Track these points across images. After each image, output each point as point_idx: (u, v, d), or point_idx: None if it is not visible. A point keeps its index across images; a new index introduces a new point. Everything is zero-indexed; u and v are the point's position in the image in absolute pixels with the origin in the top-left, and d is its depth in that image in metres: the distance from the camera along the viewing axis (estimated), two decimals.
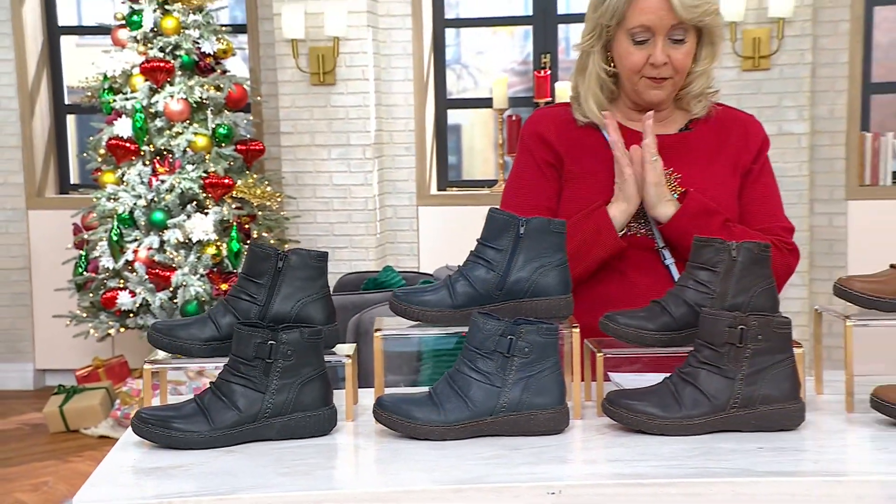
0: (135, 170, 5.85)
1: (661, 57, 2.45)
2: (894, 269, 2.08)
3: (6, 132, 6.99)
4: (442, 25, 6.83)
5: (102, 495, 1.69)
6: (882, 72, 6.79)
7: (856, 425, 2.01)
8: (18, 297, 7.04)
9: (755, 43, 6.04)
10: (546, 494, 1.71)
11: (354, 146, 6.40)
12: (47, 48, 7.13)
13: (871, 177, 6.34)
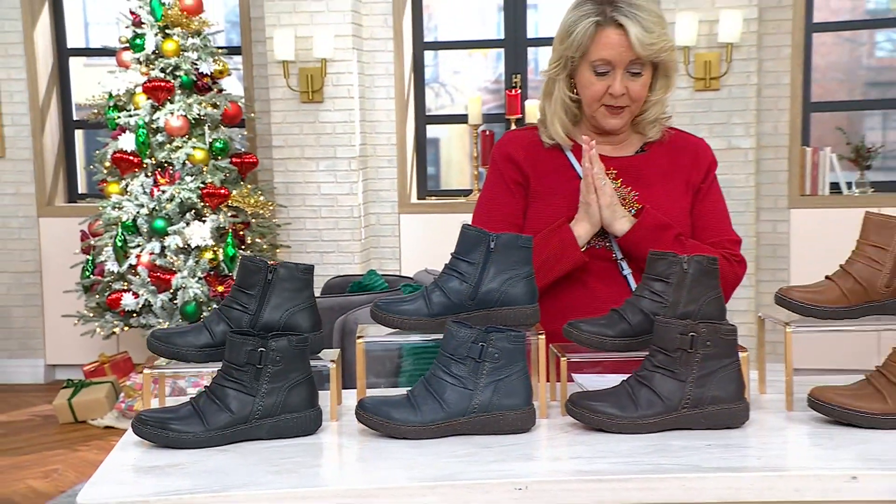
0: (138, 181, 5.83)
1: (619, 88, 2.46)
2: (829, 280, 2.09)
3: (19, 146, 6.95)
4: (421, 48, 6.83)
5: (104, 494, 1.68)
6: (820, 92, 6.82)
7: (795, 423, 2.02)
8: (30, 298, 7.00)
9: (706, 66, 6.06)
10: (513, 490, 1.71)
11: (341, 159, 6.38)
12: (57, 68, 7.10)
13: (811, 187, 6.36)
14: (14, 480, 5.02)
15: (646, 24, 2.42)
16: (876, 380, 1.97)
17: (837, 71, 7.31)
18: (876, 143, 6.57)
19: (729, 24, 5.94)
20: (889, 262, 2.05)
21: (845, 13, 7.13)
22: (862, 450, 1.84)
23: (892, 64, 7.11)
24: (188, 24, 5.89)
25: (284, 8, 6.29)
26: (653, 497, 1.73)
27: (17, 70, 6.90)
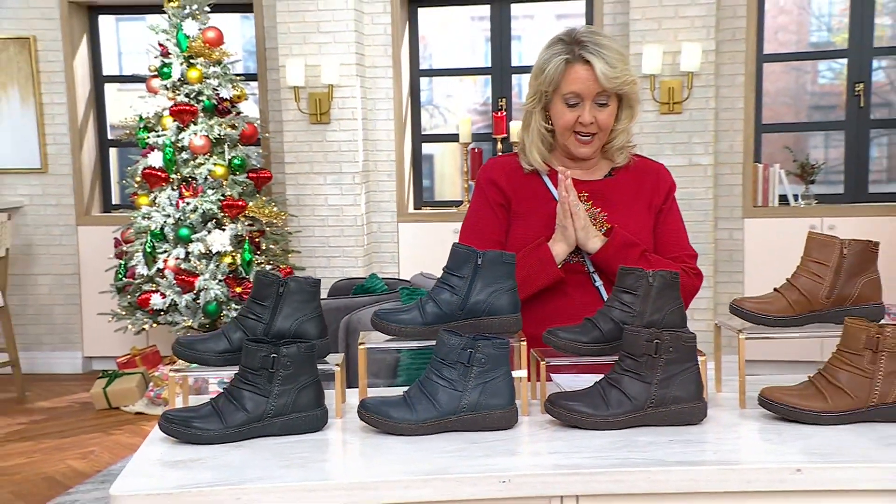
0: (165, 194, 5.81)
1: (588, 118, 2.47)
2: (777, 292, 2.09)
3: (60, 162, 6.93)
4: (417, 75, 6.83)
5: (134, 486, 1.68)
6: (770, 114, 6.82)
7: (747, 419, 2.03)
8: (70, 298, 6.97)
9: (670, 92, 6.05)
10: (498, 483, 1.71)
11: (346, 173, 6.37)
12: (94, 93, 7.08)
13: (762, 199, 6.37)
14: (56, 461, 5.00)
15: (609, 61, 2.43)
16: (818, 381, 1.98)
17: (785, 96, 7.31)
18: (819, 160, 6.59)
19: (690, 55, 5.94)
20: (829, 277, 2.05)
21: (792, 45, 7.13)
22: (805, 444, 1.84)
23: (832, 90, 7.11)
24: (210, 55, 5.88)
25: (295, 39, 6.27)
26: (622, 488, 1.73)
27: (58, 95, 6.88)
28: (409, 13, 6.73)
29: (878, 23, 6.60)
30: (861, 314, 2.04)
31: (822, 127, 6.94)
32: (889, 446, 1.82)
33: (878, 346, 1.93)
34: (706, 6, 6.01)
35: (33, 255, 6.98)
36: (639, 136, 6.10)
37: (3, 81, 6.88)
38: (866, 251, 2.06)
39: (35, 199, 6.96)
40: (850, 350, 1.95)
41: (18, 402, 6.22)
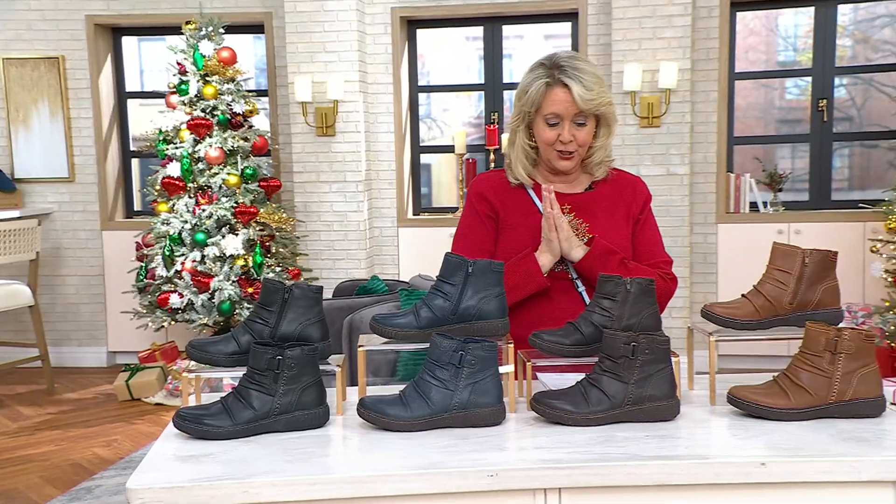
0: (182, 201, 5.80)
1: (567, 136, 2.48)
2: (745, 297, 2.09)
3: (86, 172, 6.91)
4: (416, 90, 6.82)
5: (149, 480, 1.67)
6: (742, 127, 6.82)
7: (717, 416, 2.02)
8: (95, 297, 6.96)
9: (649, 107, 6.05)
10: (486, 476, 1.70)
11: (349, 182, 6.35)
12: (117, 108, 7.05)
13: (734, 206, 6.36)
14: (82, 448, 4.99)
15: (586, 84, 2.43)
16: (781, 381, 1.97)
17: (756, 110, 7.30)
18: (786, 170, 6.59)
19: (667, 73, 5.94)
20: (792, 284, 2.05)
21: (761, 64, 7.13)
22: (769, 439, 1.84)
23: (798, 105, 7.10)
24: (224, 73, 5.87)
25: (303, 58, 6.27)
26: (601, 481, 1.73)
27: (85, 110, 6.86)
28: (409, 34, 6.72)
29: (840, 44, 6.61)
30: (821, 318, 2.04)
31: (789, 139, 6.94)
32: (846, 441, 1.82)
33: (836, 349, 1.92)
34: (682, 28, 6.01)
35: (62, 258, 6.96)
36: (621, 148, 6.10)
37: (35, 97, 6.87)
38: (826, 260, 2.06)
39: (63, 206, 6.94)
40: (810, 352, 1.94)
41: (48, 393, 6.20)
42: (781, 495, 1.74)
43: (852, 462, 1.72)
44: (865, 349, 1.93)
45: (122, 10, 6.76)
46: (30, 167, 6.90)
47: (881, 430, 1.88)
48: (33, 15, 6.82)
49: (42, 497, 4.26)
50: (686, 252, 6.10)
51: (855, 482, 1.72)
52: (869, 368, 1.93)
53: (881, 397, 1.95)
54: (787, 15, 7.05)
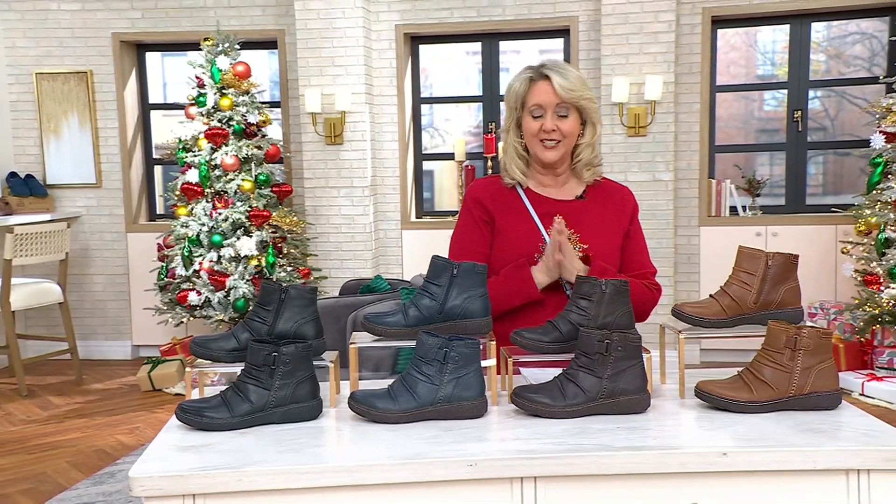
0: (200, 205, 5.81)
1: (549, 125, 2.44)
2: (712, 297, 2.08)
3: (112, 178, 6.92)
4: (419, 102, 6.81)
5: (151, 469, 1.66)
6: (723, 136, 6.80)
7: (686, 408, 2.01)
8: (121, 295, 6.96)
9: (636, 117, 6.03)
10: (466, 466, 1.69)
11: (356, 187, 6.35)
12: (141, 119, 7.06)
13: (715, 210, 6.34)
14: (107, 435, 5.00)
15: (566, 76, 2.42)
16: (745, 375, 1.96)
17: (736, 121, 7.28)
18: (764, 176, 6.57)
19: (652, 85, 5.92)
20: (756, 285, 2.04)
21: (741, 77, 7.11)
22: (733, 431, 1.83)
23: (776, 116, 7.08)
24: (239, 86, 5.87)
25: (313, 72, 6.27)
26: (574, 470, 1.71)
27: (111, 120, 6.87)
28: (412, 49, 6.71)
29: (814, 58, 6.58)
30: (783, 317, 2.03)
31: (766, 148, 6.92)
32: (804, 432, 1.81)
33: (796, 345, 1.91)
34: (666, 44, 5.99)
35: (90, 258, 6.97)
36: (609, 156, 6.08)
37: (65, 109, 6.88)
38: (788, 263, 2.05)
39: (91, 209, 6.95)
40: (772, 348, 1.93)
41: (76, 384, 6.21)
42: (743, 483, 1.73)
43: (807, 452, 1.71)
44: (823, 346, 1.92)
45: (145, 27, 6.77)
46: (60, 174, 6.91)
47: (837, 422, 1.87)
48: (64, 32, 6.83)
49: (68, 481, 4.27)
50: (671, 253, 6.08)
51: (810, 471, 1.71)
52: (826, 364, 1.92)
53: (837, 391, 1.94)
54: (765, 32, 7.03)
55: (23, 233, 5.84)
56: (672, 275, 6.07)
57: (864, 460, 1.71)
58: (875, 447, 1.72)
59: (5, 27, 6.84)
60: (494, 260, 2.48)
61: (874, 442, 1.74)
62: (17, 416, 5.45)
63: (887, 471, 1.71)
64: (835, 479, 1.73)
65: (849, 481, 1.72)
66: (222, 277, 5.66)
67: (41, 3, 6.81)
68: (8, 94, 6.89)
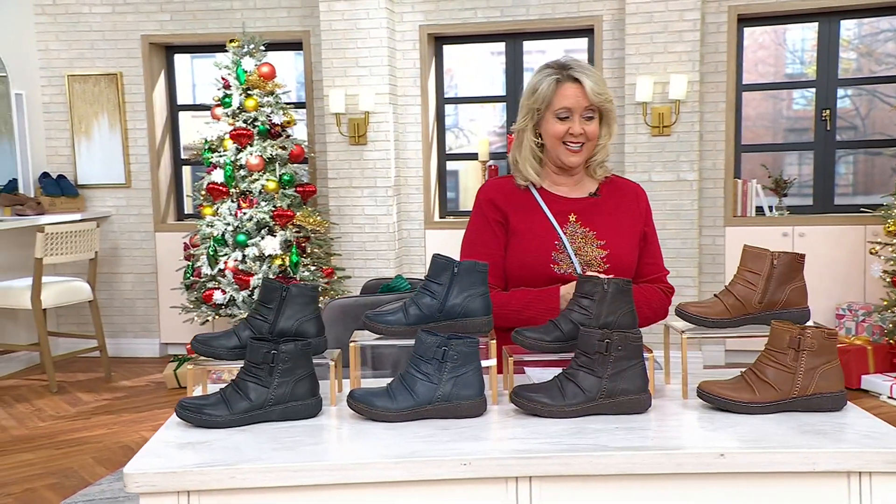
0: (226, 205, 5.84)
1: (578, 129, 2.40)
2: (717, 297, 2.05)
3: (141, 178, 6.99)
4: (442, 102, 6.80)
5: (146, 465, 1.67)
6: (751, 136, 6.73)
7: (688, 409, 1.98)
8: (149, 293, 7.04)
9: (660, 117, 5.98)
10: (460, 465, 1.68)
11: (380, 187, 6.36)
12: (170, 120, 7.13)
13: (741, 210, 6.27)
14: (132, 431, 5.05)
15: (595, 80, 2.39)
16: (748, 376, 1.93)
17: (765, 120, 7.20)
18: (793, 176, 6.48)
19: (677, 85, 5.86)
20: (761, 284, 2.00)
21: (770, 76, 7.02)
22: (733, 432, 1.80)
23: (805, 115, 6.98)
24: (264, 86, 5.90)
25: (337, 73, 6.29)
26: (569, 470, 1.70)
27: (140, 122, 6.94)
28: (436, 49, 6.71)
29: (845, 57, 6.48)
30: (789, 318, 1.99)
31: (793, 147, 6.83)
32: (805, 433, 1.77)
33: (799, 346, 1.88)
34: (692, 43, 5.93)
35: (119, 257, 7.05)
36: (633, 155, 6.04)
37: (96, 111, 6.96)
38: (794, 262, 2.01)
39: (121, 209, 7.03)
40: (775, 349, 1.90)
41: (105, 381, 6.29)
42: (742, 485, 1.70)
43: (808, 453, 1.68)
44: (828, 346, 1.89)
45: (174, 30, 6.83)
46: (91, 174, 7.00)
47: (841, 424, 1.83)
48: (95, 35, 6.92)
49: (93, 476, 4.32)
50: (695, 253, 6.02)
51: (810, 473, 1.68)
52: (831, 365, 1.89)
53: (842, 392, 1.90)
54: (794, 30, 6.93)
55: (53, 232, 5.92)
56: (696, 275, 6.00)
57: (864, 462, 1.67)
58: (876, 449, 1.68)
59: (39, 30, 6.94)
60: (510, 261, 2.44)
61: (876, 444, 1.71)
62: (46, 411, 5.53)
63: (889, 473, 1.68)
64: (836, 481, 1.69)
65: (850, 484, 1.69)
66: (247, 276, 5.69)
67: (73, 6, 6.90)
68: (41, 95, 6.99)
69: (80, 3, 6.89)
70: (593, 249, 2.42)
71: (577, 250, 2.42)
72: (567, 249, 2.41)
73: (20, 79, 6.75)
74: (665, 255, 6.10)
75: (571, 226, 2.44)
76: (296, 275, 5.72)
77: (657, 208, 6.04)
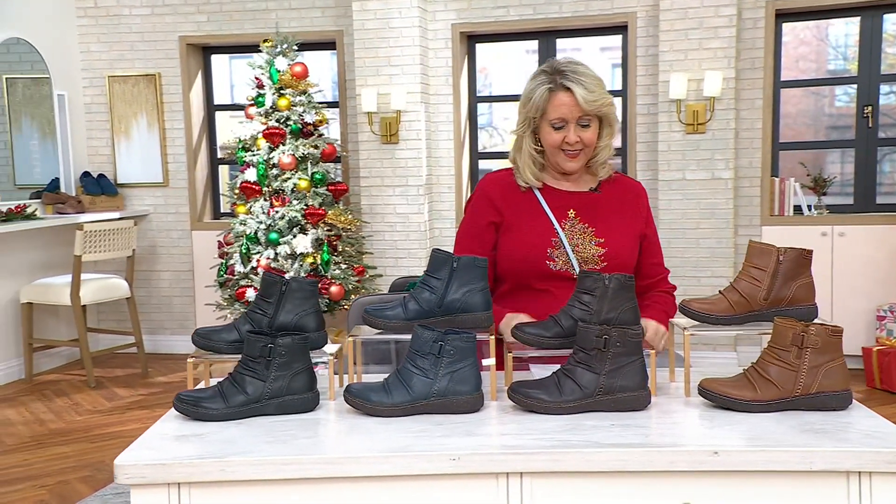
0: (258, 204, 5.89)
1: (573, 138, 2.38)
2: (721, 294, 2.01)
3: (178, 178, 7.09)
4: (475, 100, 6.77)
5: (135, 458, 1.68)
6: (791, 133, 6.60)
7: (689, 407, 1.95)
8: (185, 291, 7.13)
9: (694, 114, 5.90)
10: (449, 460, 1.68)
11: (411, 186, 6.37)
12: (206, 120, 7.21)
13: (778, 209, 6.15)
14: None
15: (588, 87, 2.35)
16: (750, 374, 1.90)
17: (806, 117, 7.06)
18: (834, 174, 6.35)
19: (712, 81, 5.78)
20: (767, 281, 1.96)
21: (812, 72, 6.89)
22: (731, 430, 1.77)
23: (848, 112, 6.82)
24: (297, 86, 5.93)
25: (370, 72, 6.31)
26: (559, 466, 1.68)
27: (177, 122, 7.04)
28: (468, 48, 6.69)
29: (891, 52, 6.33)
30: (795, 315, 1.95)
31: (833, 145, 6.69)
32: (805, 432, 1.74)
33: (803, 343, 1.84)
34: (727, 39, 5.85)
35: (156, 255, 7.16)
36: (666, 154, 5.97)
37: (135, 111, 7.08)
38: (801, 258, 1.97)
39: (158, 208, 7.13)
40: (778, 346, 1.86)
41: (142, 376, 6.38)
42: (738, 483, 1.67)
43: (804, 452, 1.64)
44: (832, 344, 1.84)
45: (211, 30, 6.92)
46: (130, 173, 7.12)
47: (844, 423, 1.79)
48: (134, 37, 7.03)
49: None
50: (730, 253, 5.93)
51: (807, 472, 1.64)
52: (835, 363, 1.84)
53: (847, 391, 1.86)
54: (837, 25, 6.79)
55: (92, 230, 6.03)
56: (731, 275, 5.90)
57: (863, 462, 1.63)
58: (876, 449, 1.64)
59: (81, 32, 7.08)
60: (505, 257, 2.44)
61: (878, 444, 1.66)
62: (83, 406, 5.63)
63: (890, 473, 1.63)
64: (834, 481, 1.65)
65: (849, 484, 1.65)
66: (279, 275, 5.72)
67: (114, 8, 7.02)
68: (83, 96, 7.13)
69: (121, 4, 7.01)
70: (591, 246, 2.40)
71: (575, 247, 2.40)
72: (564, 246, 2.39)
73: (62, 80, 6.89)
74: (699, 254, 6.04)
75: (570, 222, 2.43)
76: (327, 273, 5.75)
77: (691, 207, 5.96)
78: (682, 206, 5.97)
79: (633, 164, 6.25)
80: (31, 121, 6.74)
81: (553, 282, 2.40)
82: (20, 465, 4.52)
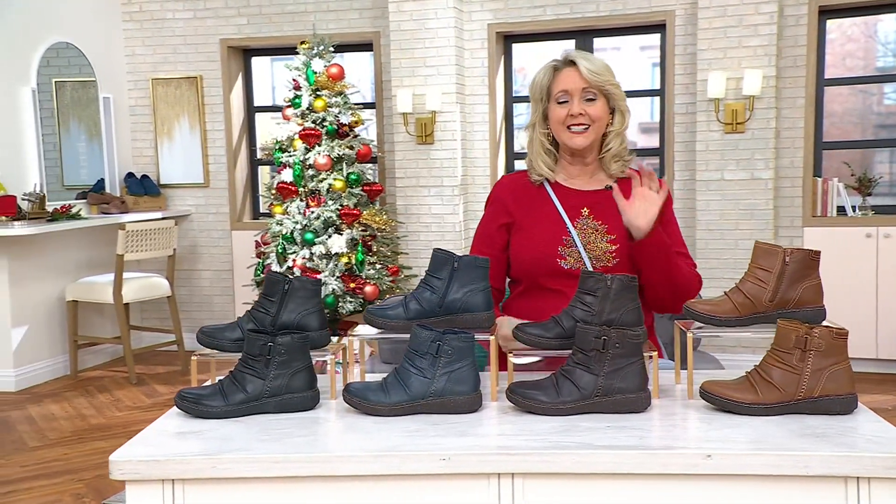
0: (294, 204, 5.94)
1: (577, 109, 2.36)
2: (726, 295, 1.98)
3: (218, 178, 7.18)
4: (511, 101, 6.76)
5: (130, 453, 1.70)
6: (837, 132, 6.45)
7: (690, 409, 1.92)
8: (225, 290, 7.23)
9: (733, 113, 5.81)
10: (439, 460, 1.67)
11: (446, 186, 6.37)
12: (246, 121, 7.30)
13: (821, 210, 6.03)
14: None
15: (592, 61, 2.37)
16: (752, 376, 1.86)
17: (853, 116, 6.89)
18: (881, 174, 6.20)
19: (751, 80, 5.69)
20: (772, 282, 1.93)
21: (859, 70, 6.72)
22: (729, 433, 1.74)
23: None
24: (333, 87, 5.98)
25: (405, 73, 6.33)
26: (551, 468, 1.67)
27: (218, 123, 7.14)
28: (504, 48, 6.68)
29: None
30: (801, 317, 1.91)
31: (879, 144, 6.52)
32: (805, 436, 1.70)
33: (806, 346, 1.80)
34: (767, 37, 5.75)
35: (197, 255, 7.27)
36: (705, 153, 5.89)
37: (177, 112, 7.20)
38: (807, 259, 1.93)
39: (199, 208, 7.24)
40: (781, 349, 1.82)
41: (182, 374, 6.47)
42: (731, 488, 1.65)
43: (800, 457, 1.61)
44: (837, 347, 1.80)
45: (251, 33, 7.00)
46: (172, 174, 7.24)
47: (847, 427, 1.74)
48: (177, 40, 7.15)
49: None
50: None
51: (803, 476, 1.61)
52: (840, 366, 1.80)
53: (852, 395, 1.81)
54: (886, 21, 6.62)
55: (133, 230, 6.14)
56: None
57: (861, 467, 1.59)
58: (877, 454, 1.60)
59: (127, 36, 7.22)
60: (517, 256, 2.43)
61: (878, 449, 1.62)
62: (124, 402, 5.74)
63: (890, 479, 1.59)
64: (832, 486, 1.62)
65: (847, 489, 1.61)
66: (314, 274, 5.78)
67: (158, 12, 7.15)
68: (128, 99, 7.27)
69: (164, 9, 7.14)
70: (603, 243, 2.38)
71: (587, 244, 2.38)
72: (576, 243, 2.37)
73: (108, 83, 7.03)
74: (737, 255, 5.93)
75: (583, 219, 2.41)
76: (361, 273, 5.78)
77: (729, 208, 5.87)
78: (720, 206, 5.89)
79: (671, 165, 6.18)
80: (79, 123, 6.90)
81: (566, 280, 2.37)
82: (60, 458, 4.63)
